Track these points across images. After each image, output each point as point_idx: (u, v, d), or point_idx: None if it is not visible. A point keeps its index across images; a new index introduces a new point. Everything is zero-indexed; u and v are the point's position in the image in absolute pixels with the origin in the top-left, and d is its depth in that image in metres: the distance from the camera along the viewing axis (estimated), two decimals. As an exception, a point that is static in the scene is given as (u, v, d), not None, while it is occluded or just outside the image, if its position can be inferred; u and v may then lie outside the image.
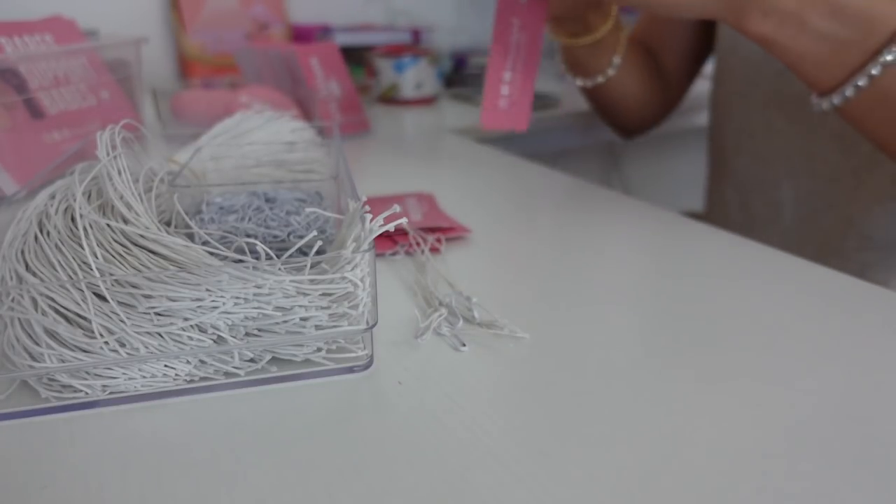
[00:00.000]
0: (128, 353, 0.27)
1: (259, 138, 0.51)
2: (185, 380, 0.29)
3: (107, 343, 0.27)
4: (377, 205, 0.30)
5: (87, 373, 0.28)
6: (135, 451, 0.26)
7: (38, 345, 0.27)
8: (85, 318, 0.27)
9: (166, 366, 0.29)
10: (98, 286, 0.27)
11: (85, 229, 0.29)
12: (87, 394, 0.28)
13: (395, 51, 1.01)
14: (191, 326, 0.28)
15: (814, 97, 0.48)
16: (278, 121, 0.54)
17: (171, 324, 0.27)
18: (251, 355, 0.30)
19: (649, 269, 0.43)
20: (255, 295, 0.28)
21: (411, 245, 0.44)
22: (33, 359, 0.27)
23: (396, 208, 0.30)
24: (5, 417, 0.28)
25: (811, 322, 0.35)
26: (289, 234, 0.37)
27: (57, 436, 0.27)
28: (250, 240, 0.29)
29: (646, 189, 1.42)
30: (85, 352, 0.27)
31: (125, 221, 0.30)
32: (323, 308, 0.29)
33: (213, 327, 0.28)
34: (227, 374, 0.30)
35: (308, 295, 0.29)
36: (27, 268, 0.29)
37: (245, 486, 0.24)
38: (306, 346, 0.30)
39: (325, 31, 1.19)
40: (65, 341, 0.27)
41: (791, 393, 0.29)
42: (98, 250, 0.29)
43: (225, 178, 0.47)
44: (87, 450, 0.26)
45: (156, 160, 0.40)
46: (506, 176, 0.63)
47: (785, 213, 0.62)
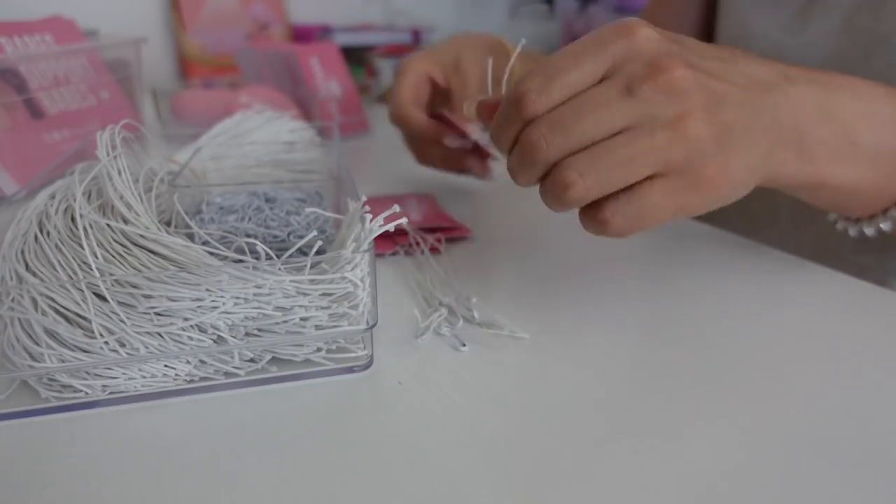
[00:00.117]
0: (128, 353, 0.27)
1: (259, 138, 0.51)
2: (185, 380, 0.29)
3: (107, 343, 0.27)
4: (377, 205, 0.30)
5: (87, 373, 0.28)
6: (135, 451, 0.26)
7: (38, 345, 0.27)
8: (85, 318, 0.27)
9: (166, 366, 0.29)
10: (98, 286, 0.27)
11: (85, 229, 0.29)
12: (87, 394, 0.28)
13: (395, 51, 1.01)
14: (191, 326, 0.28)
15: (850, 226, 0.40)
16: (278, 121, 0.54)
17: (171, 324, 0.27)
18: (251, 355, 0.30)
19: (649, 268, 0.43)
20: (255, 295, 0.28)
21: (411, 245, 0.44)
22: (33, 359, 0.27)
23: (396, 208, 0.30)
24: (5, 417, 0.28)
25: (811, 322, 0.35)
26: (289, 235, 0.37)
27: (57, 436, 0.27)
28: (250, 240, 0.29)
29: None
30: (85, 352, 0.27)
31: (125, 221, 0.30)
32: (323, 308, 0.29)
33: (213, 327, 0.28)
34: (227, 374, 0.30)
35: (308, 295, 0.29)
36: (27, 268, 0.29)
37: (245, 486, 0.24)
38: (306, 346, 0.30)
39: (325, 31, 1.19)
40: (65, 341, 0.27)
41: (791, 393, 0.29)
42: (98, 250, 0.29)
43: (225, 178, 0.47)
44: (87, 450, 0.26)
45: (156, 160, 0.40)
46: (506, 176, 0.63)
47: (783, 214, 0.62)
